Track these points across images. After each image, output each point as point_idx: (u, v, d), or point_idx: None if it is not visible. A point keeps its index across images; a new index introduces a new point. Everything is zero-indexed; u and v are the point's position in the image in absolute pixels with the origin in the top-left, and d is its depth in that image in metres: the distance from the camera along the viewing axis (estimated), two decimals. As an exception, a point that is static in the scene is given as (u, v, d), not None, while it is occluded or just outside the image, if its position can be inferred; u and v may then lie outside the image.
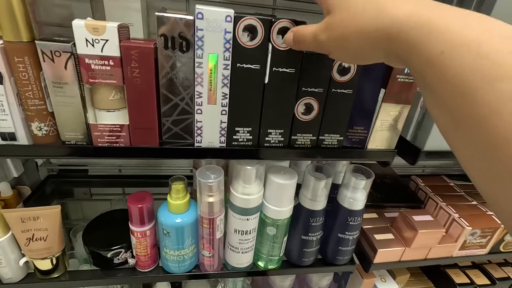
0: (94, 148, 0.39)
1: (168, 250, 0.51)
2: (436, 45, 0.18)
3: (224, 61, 0.37)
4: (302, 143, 0.44)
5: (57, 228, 0.48)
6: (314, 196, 0.51)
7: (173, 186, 0.47)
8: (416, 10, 0.19)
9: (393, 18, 0.20)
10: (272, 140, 0.43)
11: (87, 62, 0.35)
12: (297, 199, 0.53)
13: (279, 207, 0.49)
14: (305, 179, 0.51)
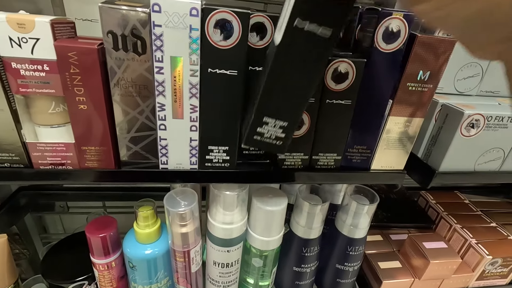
0: (35, 172, 0.32)
1: (137, 285, 0.43)
2: None
3: (191, 65, 0.29)
4: (292, 164, 0.37)
5: (4, 259, 0.40)
6: (308, 223, 0.43)
7: (139, 213, 0.40)
8: None
9: None
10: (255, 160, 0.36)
11: (14, 67, 0.27)
12: (288, 225, 0.45)
13: (267, 236, 0.42)
14: (298, 202, 0.44)
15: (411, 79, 0.33)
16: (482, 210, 0.65)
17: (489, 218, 0.62)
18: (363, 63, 0.32)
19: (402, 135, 0.37)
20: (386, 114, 0.35)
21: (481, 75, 0.44)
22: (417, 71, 0.32)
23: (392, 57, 0.32)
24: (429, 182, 0.41)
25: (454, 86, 0.44)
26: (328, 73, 0.32)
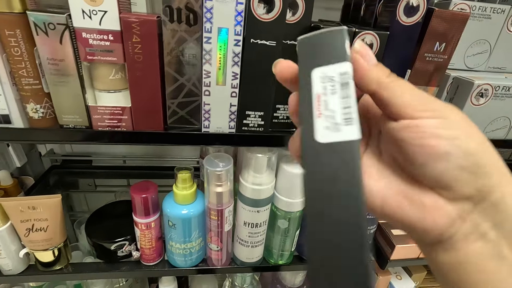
0: (94, 133, 0.36)
1: (174, 243, 0.48)
2: None
3: (235, 36, 0.33)
4: (318, 129, 0.41)
5: (58, 218, 0.45)
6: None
7: (179, 175, 0.44)
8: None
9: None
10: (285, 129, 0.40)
11: (84, 37, 0.32)
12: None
13: (292, 198, 0.46)
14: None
15: (428, 49, 0.37)
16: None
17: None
18: (386, 35, 0.35)
19: (418, 103, 0.41)
20: (404, 83, 0.39)
21: (489, 51, 0.48)
22: (434, 42, 0.36)
23: (412, 30, 0.36)
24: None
25: (464, 62, 0.48)
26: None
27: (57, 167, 0.74)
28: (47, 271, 0.49)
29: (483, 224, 0.16)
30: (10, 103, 0.34)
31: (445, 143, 0.15)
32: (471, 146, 0.15)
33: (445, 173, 0.15)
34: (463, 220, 0.16)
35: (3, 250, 0.45)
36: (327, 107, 0.16)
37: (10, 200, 0.42)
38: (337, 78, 0.16)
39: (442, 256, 0.17)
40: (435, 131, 0.15)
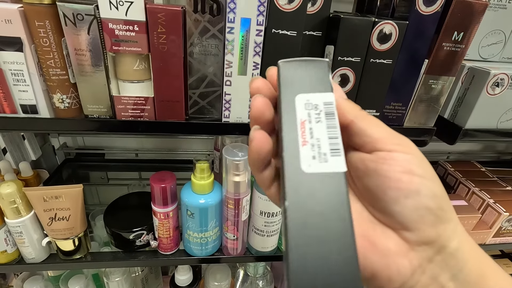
0: (118, 122, 0.37)
1: (192, 232, 0.49)
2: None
3: (257, 26, 0.34)
4: (336, 119, 0.41)
5: (79, 207, 0.46)
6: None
7: (197, 165, 0.45)
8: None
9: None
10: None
11: (110, 27, 0.32)
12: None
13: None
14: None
15: (447, 39, 0.37)
16: (498, 176, 0.69)
17: (505, 183, 0.67)
18: (405, 25, 0.36)
19: (435, 93, 0.41)
20: (422, 72, 0.40)
21: (504, 42, 0.48)
22: (452, 31, 0.37)
23: (431, 19, 0.36)
24: (455, 139, 0.46)
25: (479, 53, 0.48)
26: (374, 34, 0.36)
27: (71, 160, 0.75)
28: (68, 260, 0.50)
29: (442, 276, 0.15)
30: (37, 94, 0.35)
31: (418, 181, 0.15)
32: (437, 188, 0.15)
33: (413, 212, 0.15)
34: (423, 271, 0.15)
35: (26, 239, 0.46)
36: (312, 136, 0.15)
37: (34, 189, 0.43)
38: (321, 107, 0.16)
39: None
40: (409, 167, 0.15)
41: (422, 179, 0.15)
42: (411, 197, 0.15)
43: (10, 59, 0.33)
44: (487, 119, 0.45)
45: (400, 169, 0.15)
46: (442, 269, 0.15)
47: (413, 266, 0.15)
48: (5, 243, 0.46)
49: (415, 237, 0.15)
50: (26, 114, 0.36)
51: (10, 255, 0.47)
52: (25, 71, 0.33)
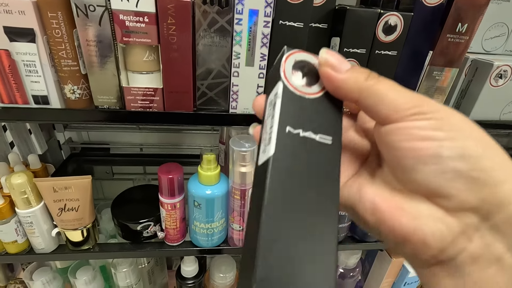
0: (128, 113, 0.38)
1: (198, 223, 0.50)
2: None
3: (265, 17, 0.34)
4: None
5: (88, 198, 0.47)
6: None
7: (204, 157, 0.46)
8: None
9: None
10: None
11: (121, 19, 0.33)
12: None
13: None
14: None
15: (451, 31, 0.38)
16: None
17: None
18: (410, 17, 0.36)
19: (439, 84, 0.42)
20: (426, 64, 0.40)
21: (507, 34, 0.48)
22: (456, 23, 0.37)
23: (435, 11, 0.37)
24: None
25: (482, 46, 0.49)
26: (380, 26, 0.37)
27: (76, 155, 0.76)
28: (77, 250, 0.51)
29: (496, 245, 0.13)
30: (49, 85, 0.35)
31: (434, 145, 0.13)
32: (470, 147, 0.13)
33: (437, 178, 0.14)
34: (469, 239, 0.13)
35: (36, 229, 0.47)
36: (265, 131, 0.17)
37: (44, 180, 0.44)
38: (273, 100, 0.16)
39: (443, 282, 0.14)
40: (423, 133, 0.14)
41: (441, 141, 0.13)
42: (430, 162, 0.14)
43: (22, 50, 0.33)
44: (490, 111, 0.46)
45: (412, 137, 0.14)
46: (495, 237, 0.13)
47: (453, 232, 0.14)
48: (16, 233, 0.47)
49: (449, 203, 0.14)
50: (38, 104, 0.36)
51: (21, 245, 0.48)
52: (37, 62, 0.34)
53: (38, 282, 0.54)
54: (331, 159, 0.16)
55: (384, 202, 0.15)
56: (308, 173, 0.15)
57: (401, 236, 0.14)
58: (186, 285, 0.60)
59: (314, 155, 0.15)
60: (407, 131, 0.14)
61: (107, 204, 0.64)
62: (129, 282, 0.59)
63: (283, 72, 0.17)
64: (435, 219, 0.14)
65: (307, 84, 0.17)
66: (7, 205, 0.44)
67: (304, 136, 0.15)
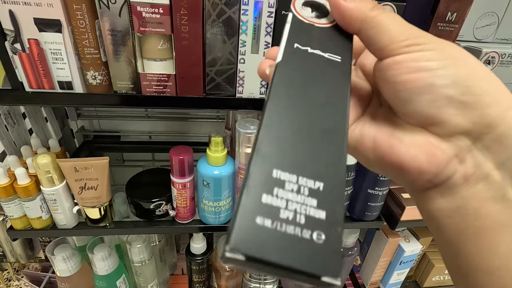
0: (144, 97, 0.42)
1: (207, 201, 0.54)
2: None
3: (269, 8, 0.38)
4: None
5: (105, 178, 0.51)
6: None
7: (212, 139, 0.49)
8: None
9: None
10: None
11: (138, 10, 0.36)
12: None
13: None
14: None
15: (441, 19, 0.41)
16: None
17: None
18: (403, 6, 0.39)
19: (430, 70, 0.45)
20: (418, 51, 0.43)
21: (497, 23, 0.51)
22: (446, 12, 0.40)
23: (426, 0, 0.40)
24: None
25: (473, 34, 0.52)
26: (374, 15, 0.40)
27: (89, 142, 0.80)
28: (95, 227, 0.55)
29: (486, 164, 0.14)
30: (73, 71, 0.39)
31: (427, 75, 0.14)
32: (461, 72, 0.14)
33: (431, 106, 0.14)
34: (461, 160, 0.14)
35: (59, 206, 0.51)
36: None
37: (66, 161, 0.48)
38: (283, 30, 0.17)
39: (437, 202, 0.15)
40: (417, 65, 0.14)
41: (435, 71, 0.14)
42: (424, 93, 0.14)
43: (50, 40, 0.37)
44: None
45: (407, 70, 0.14)
46: (485, 157, 0.14)
47: (447, 155, 0.14)
48: (41, 210, 0.51)
49: (444, 130, 0.14)
50: (63, 89, 0.40)
51: (45, 221, 0.53)
52: (63, 50, 0.38)
53: (59, 256, 0.58)
54: (341, 72, 0.15)
55: (383, 138, 0.16)
56: (316, 80, 0.14)
57: (399, 167, 0.15)
58: (195, 261, 0.65)
59: (322, 68, 0.15)
60: (403, 64, 0.15)
61: (118, 189, 0.68)
62: (142, 258, 0.63)
63: (293, 5, 0.17)
64: (430, 147, 0.15)
65: (316, 16, 0.17)
66: (33, 184, 0.49)
67: (312, 52, 0.16)
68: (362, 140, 0.17)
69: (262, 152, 0.11)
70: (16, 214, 0.51)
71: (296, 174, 0.11)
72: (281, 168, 0.11)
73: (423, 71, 0.14)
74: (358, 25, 0.16)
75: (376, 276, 0.78)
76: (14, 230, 0.53)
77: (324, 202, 0.11)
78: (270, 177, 0.11)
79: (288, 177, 0.11)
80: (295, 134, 0.12)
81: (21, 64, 0.38)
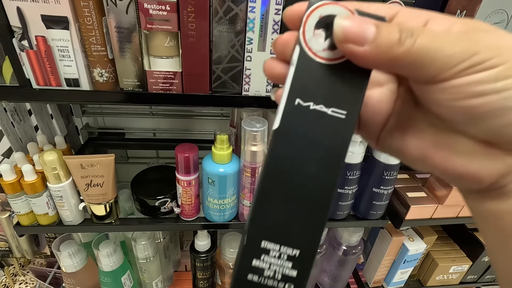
0: (150, 95, 0.42)
1: (212, 199, 0.54)
2: None
3: (276, 5, 0.37)
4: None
5: (111, 175, 0.51)
6: (352, 149, 0.52)
7: (218, 137, 0.49)
8: None
9: None
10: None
11: (145, 7, 0.36)
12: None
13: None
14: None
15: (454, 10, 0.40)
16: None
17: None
18: (412, 3, 0.39)
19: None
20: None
21: (506, 21, 0.50)
22: (456, 9, 0.40)
23: (435, -2, 0.39)
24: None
25: (482, 32, 0.51)
26: (382, 12, 0.39)
27: (94, 139, 0.81)
28: (100, 224, 0.56)
29: None
30: (80, 68, 0.39)
31: (496, 98, 0.12)
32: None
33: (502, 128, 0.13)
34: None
35: (65, 203, 0.51)
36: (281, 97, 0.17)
37: (73, 157, 0.48)
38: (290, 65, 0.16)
39: (490, 205, 0.15)
40: (482, 88, 0.12)
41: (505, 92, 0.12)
42: (493, 116, 0.12)
43: (57, 37, 0.37)
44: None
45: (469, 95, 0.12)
46: None
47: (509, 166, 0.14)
48: (47, 206, 0.51)
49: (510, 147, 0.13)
50: (69, 86, 0.40)
51: (51, 217, 0.53)
52: (70, 47, 0.38)
53: (65, 252, 0.59)
54: (341, 135, 0.15)
55: (434, 150, 0.15)
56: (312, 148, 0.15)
57: (455, 177, 0.15)
58: (200, 258, 0.65)
59: (322, 131, 0.15)
60: (461, 89, 0.12)
61: (123, 186, 0.69)
62: (147, 254, 0.64)
63: (303, 32, 0.15)
64: (493, 159, 0.14)
65: (329, 47, 0.15)
66: (39, 180, 0.49)
67: (314, 109, 0.15)
68: (405, 149, 0.16)
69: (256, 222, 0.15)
70: (23, 210, 0.51)
71: (279, 243, 0.15)
72: (268, 239, 0.15)
73: (490, 94, 0.12)
74: (387, 66, 0.13)
75: (379, 275, 0.78)
76: (21, 226, 0.53)
77: (297, 264, 0.15)
78: (259, 247, 0.15)
79: (273, 247, 0.15)
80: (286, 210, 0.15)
81: (28, 61, 0.38)
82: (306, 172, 0.15)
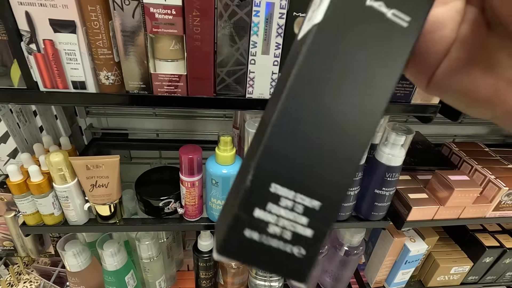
0: (155, 97, 0.42)
1: (215, 199, 0.54)
2: None
3: (280, 9, 0.38)
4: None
5: (116, 176, 0.52)
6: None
7: (221, 138, 0.50)
8: None
9: None
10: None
11: (151, 11, 0.37)
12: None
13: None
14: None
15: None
16: (501, 156, 0.73)
17: (507, 162, 0.70)
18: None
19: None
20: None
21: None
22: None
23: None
24: (458, 115, 0.50)
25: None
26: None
27: (98, 139, 0.81)
28: (105, 224, 0.56)
29: None
30: (86, 71, 0.40)
31: None
32: None
33: None
34: None
35: (71, 203, 0.52)
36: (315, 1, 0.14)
37: (78, 159, 0.49)
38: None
39: None
40: None
41: None
42: None
43: (64, 40, 0.37)
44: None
45: None
46: None
47: None
48: (53, 206, 0.52)
49: None
50: (76, 89, 0.41)
51: (56, 217, 0.54)
52: (77, 51, 0.38)
53: (70, 252, 0.59)
54: (398, 49, 0.11)
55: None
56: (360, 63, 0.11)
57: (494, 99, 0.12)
58: (203, 258, 0.65)
59: (376, 35, 0.11)
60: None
61: (126, 186, 0.69)
62: (150, 254, 0.64)
63: None
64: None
65: None
66: (45, 181, 0.50)
67: (371, 7, 0.11)
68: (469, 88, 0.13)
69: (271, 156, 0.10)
70: (29, 210, 0.52)
71: (295, 190, 0.10)
72: (280, 182, 0.10)
73: None
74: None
75: (381, 275, 0.78)
76: (27, 226, 0.54)
77: (315, 221, 0.10)
78: (267, 192, 0.10)
79: (285, 193, 0.10)
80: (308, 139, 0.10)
81: (36, 64, 0.38)
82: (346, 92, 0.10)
